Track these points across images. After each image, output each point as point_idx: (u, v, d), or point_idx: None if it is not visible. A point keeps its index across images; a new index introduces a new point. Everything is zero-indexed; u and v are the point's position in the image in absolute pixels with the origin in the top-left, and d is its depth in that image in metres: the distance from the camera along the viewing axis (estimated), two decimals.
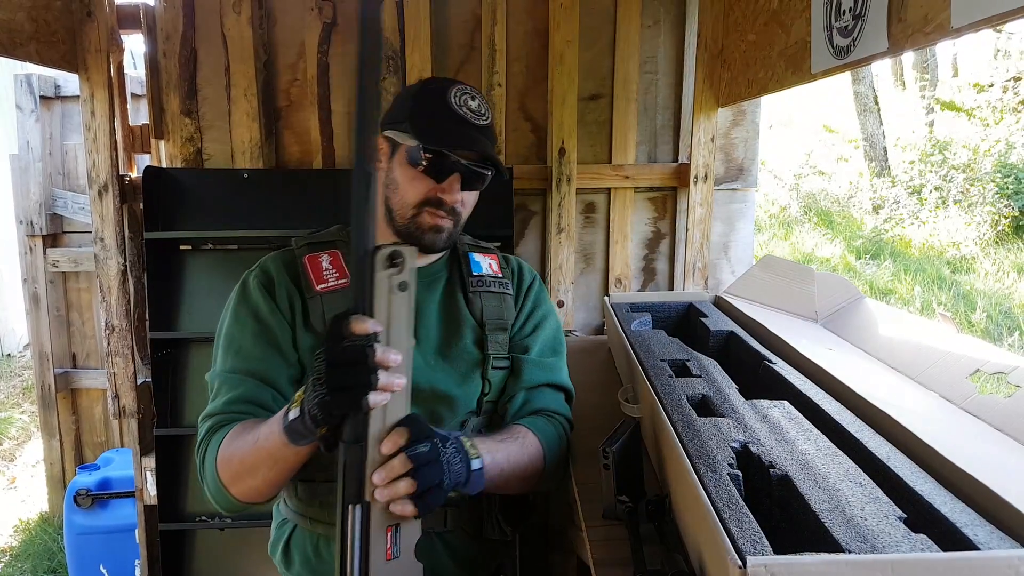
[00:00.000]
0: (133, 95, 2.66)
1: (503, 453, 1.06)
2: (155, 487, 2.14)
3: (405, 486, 0.84)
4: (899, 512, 0.78)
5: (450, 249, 1.29)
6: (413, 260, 0.83)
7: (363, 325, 0.81)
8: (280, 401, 1.12)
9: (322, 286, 1.17)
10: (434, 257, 1.27)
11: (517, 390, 1.23)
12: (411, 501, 0.85)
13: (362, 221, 0.81)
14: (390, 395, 0.83)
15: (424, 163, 1.12)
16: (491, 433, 1.13)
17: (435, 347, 1.21)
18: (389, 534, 0.86)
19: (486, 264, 1.29)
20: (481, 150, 1.14)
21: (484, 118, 1.17)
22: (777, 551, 0.70)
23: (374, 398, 0.82)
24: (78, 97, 2.05)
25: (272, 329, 1.15)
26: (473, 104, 1.16)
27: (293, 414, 0.90)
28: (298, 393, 0.91)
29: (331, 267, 1.19)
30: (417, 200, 1.15)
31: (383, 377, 0.81)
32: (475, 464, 0.96)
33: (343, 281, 1.18)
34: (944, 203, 7.61)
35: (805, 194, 9.29)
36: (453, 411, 1.18)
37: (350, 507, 0.84)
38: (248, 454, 1.01)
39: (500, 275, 1.29)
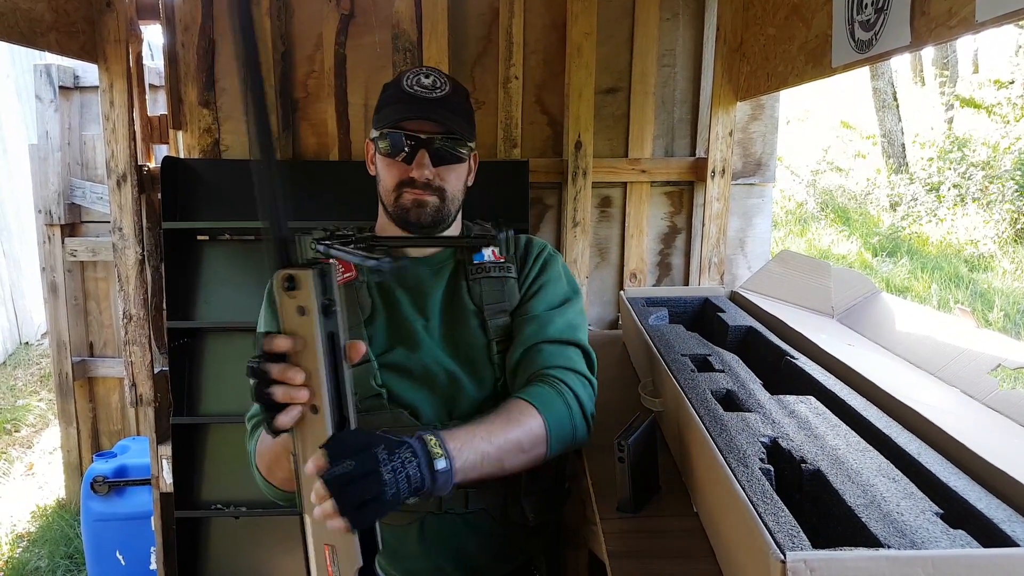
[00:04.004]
0: (151, 86, 2.67)
1: (482, 440, 1.00)
2: (171, 475, 2.17)
3: (330, 506, 0.81)
4: (935, 508, 0.77)
5: (456, 240, 1.32)
6: (310, 284, 0.80)
7: (270, 343, 0.82)
8: None
9: None
10: (440, 247, 1.30)
11: (514, 348, 1.21)
12: (343, 517, 0.81)
13: (273, 246, 0.81)
14: (297, 411, 0.82)
15: (387, 148, 1.18)
16: (477, 418, 1.07)
17: (443, 335, 1.23)
18: (327, 551, 0.85)
19: (488, 252, 1.31)
20: (428, 118, 1.17)
21: (438, 91, 1.19)
22: (812, 546, 0.70)
23: (278, 416, 0.81)
24: (97, 87, 2.07)
25: None
26: (426, 81, 1.20)
27: None
28: None
29: (338, 264, 1.21)
30: (393, 184, 1.21)
31: (280, 392, 0.80)
32: (440, 464, 0.91)
33: (348, 275, 1.23)
34: (962, 200, 7.51)
35: (822, 190, 9.19)
36: (469, 396, 1.20)
37: (305, 517, 0.86)
38: (268, 448, 1.07)
39: (501, 260, 1.30)
